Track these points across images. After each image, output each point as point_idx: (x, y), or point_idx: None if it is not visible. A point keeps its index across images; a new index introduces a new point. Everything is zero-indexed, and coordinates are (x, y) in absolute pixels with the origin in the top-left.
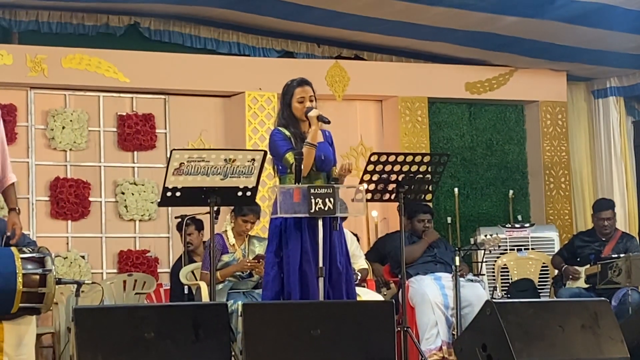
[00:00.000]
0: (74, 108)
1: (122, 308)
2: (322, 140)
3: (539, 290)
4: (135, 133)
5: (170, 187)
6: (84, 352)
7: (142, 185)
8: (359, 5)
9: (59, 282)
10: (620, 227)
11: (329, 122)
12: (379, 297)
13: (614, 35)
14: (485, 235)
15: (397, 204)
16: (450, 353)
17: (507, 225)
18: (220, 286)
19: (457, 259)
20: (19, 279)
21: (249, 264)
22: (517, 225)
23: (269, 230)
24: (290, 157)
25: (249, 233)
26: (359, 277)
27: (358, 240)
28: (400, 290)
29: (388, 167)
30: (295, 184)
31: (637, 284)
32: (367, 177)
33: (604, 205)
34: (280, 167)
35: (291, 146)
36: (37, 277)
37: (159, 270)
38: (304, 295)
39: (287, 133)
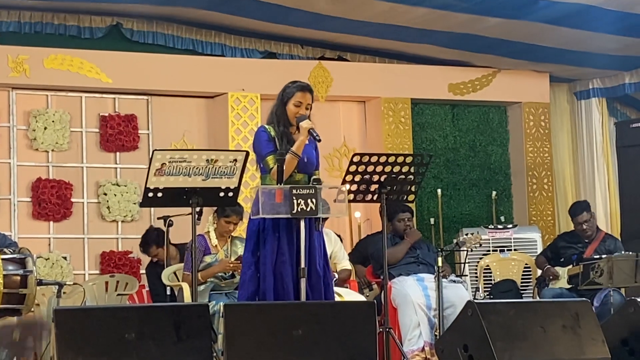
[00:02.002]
0: (56, 109)
1: (102, 309)
2: (306, 142)
3: (522, 291)
4: (118, 134)
5: (151, 187)
6: (65, 353)
7: (125, 186)
8: (342, 7)
9: (40, 283)
10: (602, 227)
11: (319, 141)
12: (361, 298)
13: (597, 37)
14: (467, 235)
15: (380, 205)
16: (432, 354)
17: (489, 226)
18: (202, 287)
19: (439, 259)
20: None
21: (231, 265)
22: (499, 226)
23: (247, 230)
24: (270, 160)
25: (232, 234)
26: (335, 278)
27: (341, 240)
28: (383, 291)
29: (370, 168)
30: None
31: (619, 284)
32: (349, 177)
33: (578, 210)
34: (262, 166)
35: (273, 149)
36: (18, 278)
37: (141, 272)
38: (278, 295)
39: (273, 133)
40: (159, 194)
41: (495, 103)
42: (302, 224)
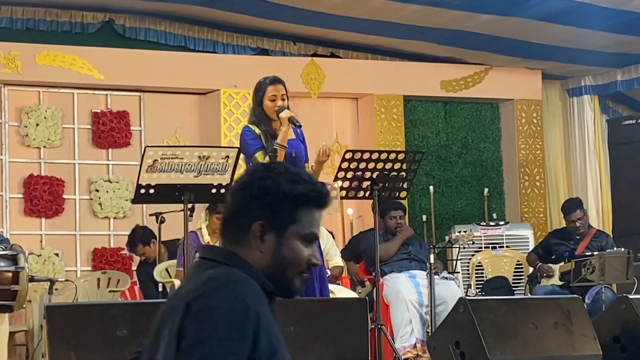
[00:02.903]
0: (48, 105)
1: (94, 305)
2: (293, 138)
3: (514, 288)
4: (110, 130)
5: (143, 184)
6: (57, 350)
7: (117, 182)
8: (334, 4)
9: (32, 279)
10: (593, 224)
11: (300, 126)
12: (353, 295)
13: (589, 34)
14: (459, 232)
15: (372, 201)
16: (424, 351)
17: (482, 223)
18: None
19: (431, 256)
20: None
21: None
22: (491, 223)
23: None
24: (259, 156)
25: None
26: (328, 275)
27: (333, 237)
28: (375, 287)
29: (362, 165)
30: None
31: (610, 281)
32: (341, 174)
33: (571, 207)
34: (251, 165)
35: (260, 145)
36: (10, 274)
37: (133, 268)
38: None
39: (258, 131)
40: (151, 191)
41: (487, 100)
42: None
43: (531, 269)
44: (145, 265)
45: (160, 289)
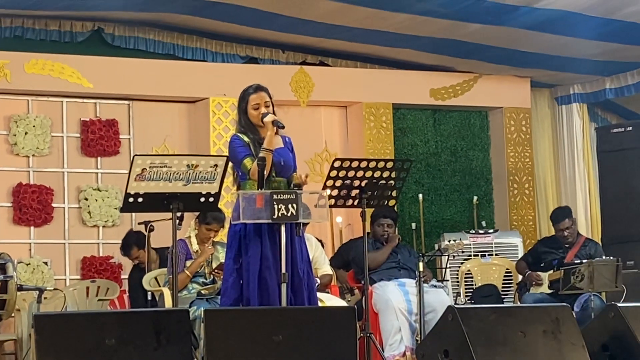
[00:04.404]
0: (37, 113)
1: (82, 314)
2: (281, 146)
3: (503, 296)
4: (99, 139)
5: (132, 192)
6: (45, 359)
7: (106, 191)
8: (323, 12)
9: (20, 288)
10: (582, 232)
11: (283, 127)
12: (342, 303)
13: (578, 42)
14: (449, 241)
15: (361, 210)
16: (413, 359)
17: (471, 231)
18: (184, 293)
19: (420, 264)
20: None
21: (210, 250)
22: (481, 231)
23: (228, 236)
24: (248, 162)
25: (213, 239)
26: (318, 283)
27: (323, 246)
28: (364, 296)
29: (351, 173)
30: (257, 189)
31: (599, 289)
32: (330, 182)
33: (560, 216)
34: (240, 174)
35: (249, 152)
36: None
37: (122, 277)
38: (263, 301)
39: (246, 139)
40: (140, 199)
41: (476, 108)
42: (283, 229)
43: (520, 277)
44: (137, 270)
45: (149, 298)
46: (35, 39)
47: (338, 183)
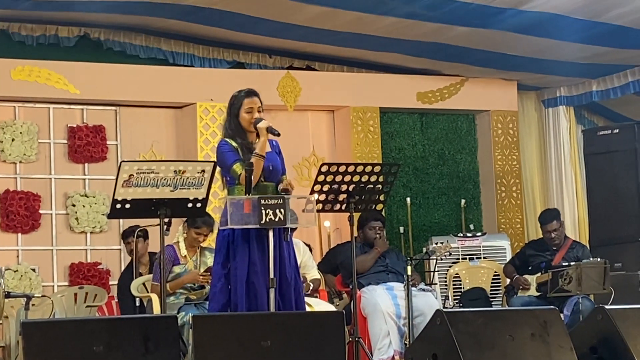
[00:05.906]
0: (24, 120)
1: (70, 321)
2: (269, 150)
3: (491, 299)
4: (86, 145)
5: (119, 199)
6: None
7: (93, 197)
8: (309, 17)
9: (8, 295)
10: (570, 235)
11: (278, 135)
12: (331, 308)
13: (564, 45)
14: (436, 244)
15: (349, 214)
16: None
17: (459, 235)
18: (172, 298)
19: (409, 268)
20: None
21: (201, 278)
22: (469, 234)
23: (216, 241)
24: (237, 168)
25: (201, 244)
26: (311, 287)
27: (311, 250)
28: (352, 300)
29: (339, 178)
30: (245, 194)
31: (587, 291)
32: (317, 187)
33: (547, 218)
34: (228, 179)
35: (238, 157)
36: None
37: (110, 283)
38: (251, 307)
39: (234, 144)
40: (127, 206)
41: (463, 111)
42: (271, 234)
43: (508, 280)
44: (129, 273)
45: (137, 304)
46: (21, 45)
47: (326, 187)
